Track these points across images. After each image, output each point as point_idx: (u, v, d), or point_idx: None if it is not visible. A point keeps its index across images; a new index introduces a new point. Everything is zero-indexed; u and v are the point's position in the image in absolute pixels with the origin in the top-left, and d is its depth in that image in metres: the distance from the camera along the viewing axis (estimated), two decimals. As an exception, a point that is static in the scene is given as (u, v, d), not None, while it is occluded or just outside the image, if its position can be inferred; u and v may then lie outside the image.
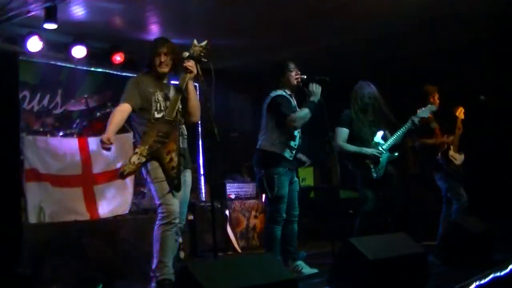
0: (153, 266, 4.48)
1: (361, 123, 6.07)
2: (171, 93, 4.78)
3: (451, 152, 6.61)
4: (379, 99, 6.14)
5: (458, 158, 6.63)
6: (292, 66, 5.67)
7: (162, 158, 4.50)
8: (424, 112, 6.15)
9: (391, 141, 6.10)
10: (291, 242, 5.63)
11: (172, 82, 4.97)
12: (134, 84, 4.69)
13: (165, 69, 4.77)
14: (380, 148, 6.04)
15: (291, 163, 5.55)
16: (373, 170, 6.01)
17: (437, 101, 6.69)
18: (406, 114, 6.30)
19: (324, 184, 9.79)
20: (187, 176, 4.79)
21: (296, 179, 5.72)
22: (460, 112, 6.71)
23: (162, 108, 4.66)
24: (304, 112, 5.46)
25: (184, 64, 4.69)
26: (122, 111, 4.64)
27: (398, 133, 6.10)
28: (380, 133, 6.14)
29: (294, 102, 5.68)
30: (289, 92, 5.66)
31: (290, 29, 8.01)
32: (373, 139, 6.09)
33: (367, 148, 6.02)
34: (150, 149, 4.49)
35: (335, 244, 5.98)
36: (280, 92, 5.60)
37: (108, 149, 4.55)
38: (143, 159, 4.47)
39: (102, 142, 4.48)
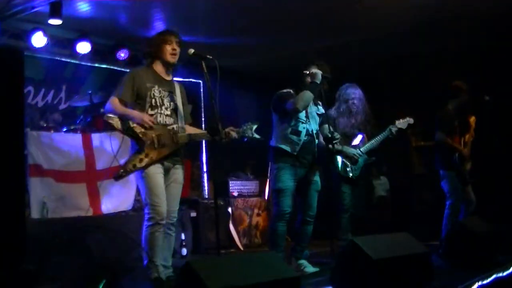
0: (144, 264, 4.50)
1: (344, 124, 6.18)
2: (177, 93, 4.76)
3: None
4: (364, 102, 6.21)
5: (467, 164, 6.71)
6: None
7: None
8: (402, 124, 6.32)
9: (368, 145, 6.26)
10: (301, 242, 5.65)
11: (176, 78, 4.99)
12: (130, 79, 4.63)
13: (175, 59, 4.76)
14: (359, 150, 6.18)
15: (297, 159, 5.52)
16: (349, 169, 6.12)
17: (466, 97, 6.73)
18: (405, 114, 6.37)
19: (326, 183, 9.77)
20: (178, 173, 4.79)
21: (316, 178, 5.71)
22: (473, 121, 6.80)
23: (158, 104, 4.64)
24: (304, 94, 5.39)
25: (229, 131, 4.81)
26: (118, 103, 4.61)
27: (376, 139, 6.27)
28: (359, 136, 6.30)
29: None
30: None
31: (296, 28, 8.00)
32: (352, 140, 6.24)
33: (348, 148, 6.17)
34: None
35: (334, 243, 6.03)
36: (285, 89, 5.64)
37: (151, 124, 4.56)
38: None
39: (145, 122, 4.52)
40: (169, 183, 4.71)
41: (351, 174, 6.14)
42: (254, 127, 4.96)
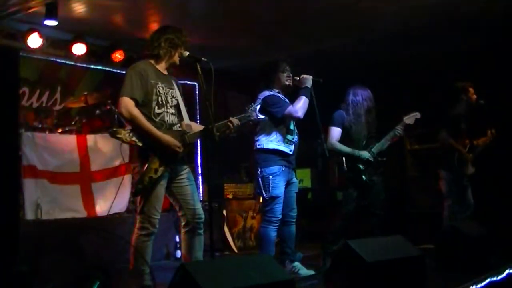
0: (129, 268, 4.44)
1: (356, 126, 6.07)
2: (176, 90, 4.69)
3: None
4: (373, 102, 6.16)
5: (470, 169, 6.74)
6: (284, 66, 5.62)
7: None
8: (409, 119, 6.14)
9: (379, 145, 6.11)
10: (288, 243, 5.59)
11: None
12: (138, 75, 4.41)
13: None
14: (371, 152, 6.07)
15: (289, 160, 5.49)
16: (363, 173, 6.03)
17: (473, 96, 6.70)
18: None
19: (322, 186, 9.79)
20: (187, 172, 4.63)
21: (295, 180, 5.67)
22: (490, 134, 6.87)
23: (164, 102, 4.50)
24: (302, 100, 5.43)
25: (232, 121, 4.68)
26: (136, 109, 4.37)
27: (386, 138, 6.11)
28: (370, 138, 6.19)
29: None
30: (277, 91, 5.62)
31: (290, 30, 8.01)
32: (364, 143, 6.10)
33: (361, 151, 6.04)
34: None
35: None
36: (268, 92, 5.55)
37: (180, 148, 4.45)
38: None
39: (177, 148, 4.41)
40: (184, 184, 4.57)
41: (365, 178, 6.03)
42: (258, 107, 4.90)
